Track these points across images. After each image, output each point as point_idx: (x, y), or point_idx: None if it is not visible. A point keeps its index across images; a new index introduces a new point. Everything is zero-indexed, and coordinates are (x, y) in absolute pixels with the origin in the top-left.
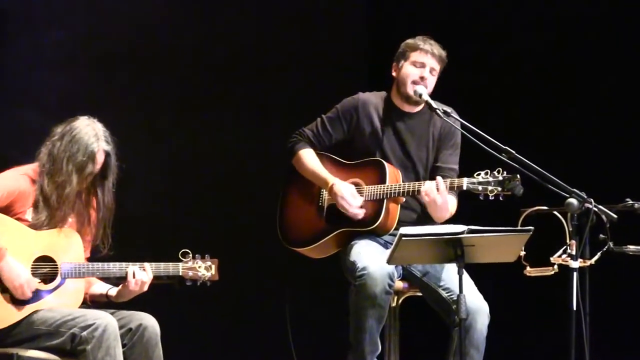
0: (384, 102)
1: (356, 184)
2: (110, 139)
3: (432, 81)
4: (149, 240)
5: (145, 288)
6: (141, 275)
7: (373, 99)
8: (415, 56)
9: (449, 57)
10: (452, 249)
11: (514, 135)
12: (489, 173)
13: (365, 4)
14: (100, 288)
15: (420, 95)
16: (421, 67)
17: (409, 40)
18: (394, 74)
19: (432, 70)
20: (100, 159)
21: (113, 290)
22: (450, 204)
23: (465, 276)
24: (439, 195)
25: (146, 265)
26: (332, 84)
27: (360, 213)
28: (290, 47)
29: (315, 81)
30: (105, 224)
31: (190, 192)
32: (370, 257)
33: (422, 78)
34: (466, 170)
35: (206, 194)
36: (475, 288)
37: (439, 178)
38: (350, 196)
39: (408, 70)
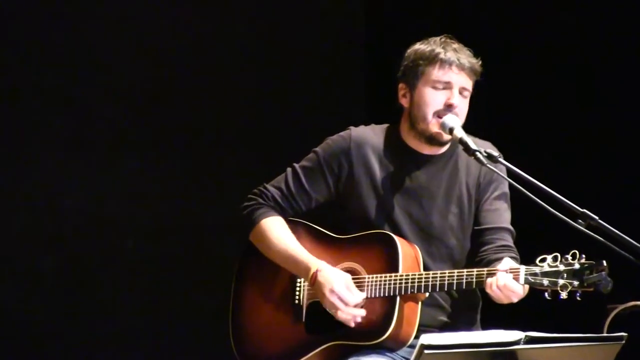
0: (389, 142)
1: (352, 272)
2: None
3: (464, 107)
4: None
5: None
6: None
7: (372, 137)
8: (434, 73)
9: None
10: None
11: (587, 192)
12: (558, 258)
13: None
14: None
15: (451, 131)
16: (446, 88)
17: (421, 46)
18: (402, 101)
19: (462, 90)
20: None
21: None
22: None
23: None
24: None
25: None
26: (315, 110)
27: (358, 316)
28: (254, 56)
29: (290, 109)
30: None
31: (101, 281)
32: None
33: (449, 106)
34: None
35: (124, 287)
36: None
37: (507, 261)
38: (345, 289)
39: (427, 97)
